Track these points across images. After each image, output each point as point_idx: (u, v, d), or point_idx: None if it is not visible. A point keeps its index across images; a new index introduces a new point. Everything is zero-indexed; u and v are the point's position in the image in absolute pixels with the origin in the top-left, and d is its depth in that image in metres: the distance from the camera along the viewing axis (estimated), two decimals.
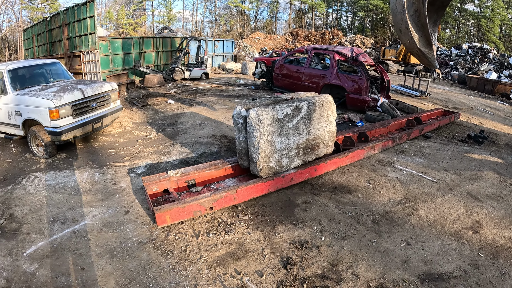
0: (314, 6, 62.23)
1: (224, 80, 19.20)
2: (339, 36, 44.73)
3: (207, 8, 71.41)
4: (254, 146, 5.02)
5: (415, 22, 7.30)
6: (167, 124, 9.68)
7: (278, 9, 68.01)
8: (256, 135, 4.92)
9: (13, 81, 7.81)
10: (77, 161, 7.27)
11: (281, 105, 5.19)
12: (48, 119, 6.99)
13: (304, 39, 46.03)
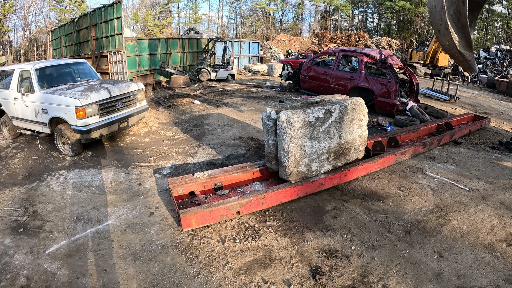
0: (339, 7, 61.92)
1: (250, 82, 19.16)
2: (365, 38, 44.06)
3: (232, 10, 72.35)
4: (284, 149, 4.90)
5: (454, 22, 7.00)
6: (193, 125, 9.64)
7: (303, 11, 68.19)
8: (287, 139, 4.81)
9: (40, 80, 7.97)
10: (103, 160, 7.30)
11: (312, 108, 5.08)
12: (75, 118, 7.06)
13: (330, 41, 45.59)
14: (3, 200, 5.66)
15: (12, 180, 6.57)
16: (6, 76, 9.04)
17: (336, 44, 43.88)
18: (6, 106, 8.85)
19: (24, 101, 8.05)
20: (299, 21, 69.57)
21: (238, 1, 70.28)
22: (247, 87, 16.98)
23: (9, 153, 8.11)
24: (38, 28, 60.04)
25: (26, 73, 8.15)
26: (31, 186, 6.08)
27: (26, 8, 58.09)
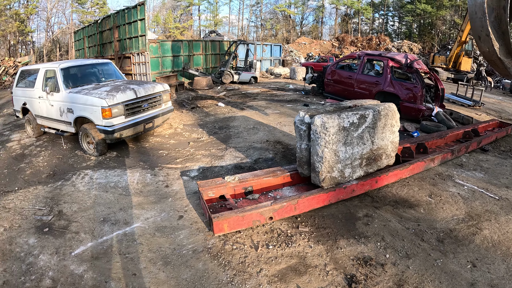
0: (360, 11, 61.48)
1: (273, 85, 19.05)
2: (386, 42, 43.52)
3: (252, 13, 72.57)
4: (317, 154, 4.84)
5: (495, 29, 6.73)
6: (218, 127, 9.53)
7: (324, 14, 67.85)
8: (321, 144, 4.75)
9: (66, 79, 7.99)
10: (128, 160, 7.23)
11: (346, 113, 4.98)
12: (100, 118, 7.03)
13: (351, 44, 45.29)
14: (27, 199, 5.61)
15: (36, 178, 6.55)
16: (31, 75, 9.13)
17: (356, 47, 43.59)
18: (31, 105, 8.92)
19: (49, 100, 8.09)
20: (319, 24, 69.57)
21: (259, 4, 70.79)
22: (270, 90, 16.87)
23: (33, 151, 8.13)
24: (60, 30, 61.43)
25: (51, 72, 8.19)
26: (56, 185, 6.03)
27: (49, 10, 59.56)
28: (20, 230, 4.68)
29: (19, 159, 7.72)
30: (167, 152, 7.65)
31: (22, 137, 9.53)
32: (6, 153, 8.22)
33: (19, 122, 11.34)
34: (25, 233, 4.59)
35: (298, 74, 22.35)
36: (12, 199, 5.64)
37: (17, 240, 4.45)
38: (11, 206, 5.41)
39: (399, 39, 57.13)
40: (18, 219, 4.99)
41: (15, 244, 4.37)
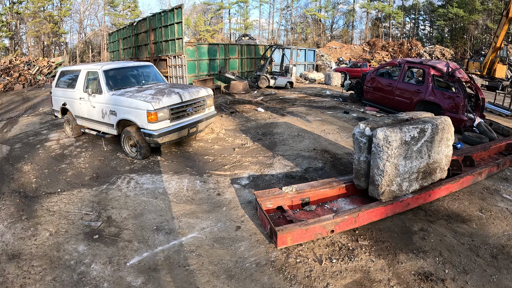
0: (391, 15, 60.71)
1: (309, 90, 18.71)
2: (418, 47, 42.47)
3: (283, 17, 72.85)
4: (378, 168, 4.79)
5: None
6: (262, 133, 9.25)
7: (354, 18, 67.37)
8: (383, 157, 4.70)
9: (108, 81, 7.93)
10: (173, 165, 7.02)
11: (407, 127, 4.94)
12: (146, 121, 6.87)
13: (382, 49, 44.31)
14: (72, 202, 5.44)
15: (78, 180, 6.41)
16: (71, 76, 9.12)
17: (387, 52, 42.76)
18: (71, 105, 8.89)
19: (91, 101, 8.02)
20: (349, 28, 69.00)
21: (289, 8, 70.96)
22: (307, 95, 16.53)
23: (73, 152, 8.04)
24: (93, 31, 63.06)
25: (93, 74, 8.15)
26: (101, 189, 5.86)
27: (82, 12, 61.33)
28: (68, 236, 4.49)
29: (59, 159, 7.63)
30: (213, 158, 7.40)
31: (61, 136, 9.49)
32: (45, 153, 8.15)
33: (56, 122, 11.37)
34: (73, 239, 4.39)
35: (333, 80, 21.96)
36: (56, 202, 5.49)
37: (65, 247, 4.26)
38: (56, 209, 5.26)
39: (430, 43, 56.09)
40: (64, 223, 4.81)
41: (63, 251, 4.18)
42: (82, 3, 61.21)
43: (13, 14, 56.45)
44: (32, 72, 28.70)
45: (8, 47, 56.72)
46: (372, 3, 62.06)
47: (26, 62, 30.75)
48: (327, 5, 67.21)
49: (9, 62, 30.52)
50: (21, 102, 18.52)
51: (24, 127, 11.38)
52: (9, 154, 8.33)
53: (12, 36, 56.85)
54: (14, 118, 13.40)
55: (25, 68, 29.30)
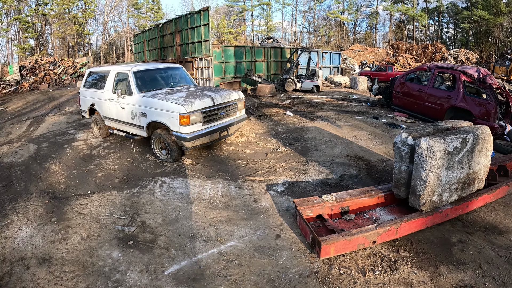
0: (415, 17, 59.80)
1: (335, 94, 18.45)
2: (442, 50, 41.78)
3: (305, 19, 72.50)
4: (420, 178, 4.72)
5: None
6: (293, 138, 9.04)
7: (378, 20, 66.60)
8: (426, 167, 4.63)
9: (138, 83, 7.85)
10: (206, 169, 6.87)
11: (450, 137, 4.90)
12: (178, 124, 6.75)
13: (405, 52, 43.86)
14: (104, 205, 5.32)
15: (108, 182, 6.31)
16: (100, 77, 9.11)
17: (411, 55, 42.18)
18: (99, 106, 8.86)
19: (120, 102, 7.95)
20: (373, 31, 68.30)
21: (312, 10, 70.68)
22: (334, 99, 16.29)
23: (101, 153, 7.97)
24: (116, 33, 64.12)
25: (122, 75, 8.10)
26: (133, 192, 5.73)
27: (106, 14, 62.36)
28: (101, 241, 4.35)
29: (87, 160, 7.56)
30: (245, 162, 7.22)
31: (88, 136, 9.46)
32: (73, 153, 8.10)
33: (83, 122, 11.38)
34: (106, 245, 4.25)
35: (359, 84, 21.59)
36: (87, 204, 5.38)
37: (98, 252, 4.11)
38: (86, 212, 5.14)
39: (454, 47, 55.20)
40: (96, 227, 4.68)
41: (97, 257, 4.04)
42: (106, 5, 62.67)
43: (38, 16, 57.91)
44: (57, 72, 29.20)
45: (33, 48, 58.14)
46: (395, 6, 61.51)
47: (52, 62, 31.33)
48: (350, 8, 66.88)
49: (34, 62, 31.18)
50: (47, 101, 18.76)
51: (51, 126, 11.43)
52: (37, 153, 8.33)
53: (37, 37, 58.27)
54: (41, 117, 13.53)
55: (50, 68, 29.89)
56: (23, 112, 15.88)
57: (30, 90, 25.24)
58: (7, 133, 11.23)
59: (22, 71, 29.52)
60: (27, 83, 26.62)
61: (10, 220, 5.06)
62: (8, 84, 27.13)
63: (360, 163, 7.20)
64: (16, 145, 9.26)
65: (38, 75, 28.17)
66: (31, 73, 28.82)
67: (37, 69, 29.35)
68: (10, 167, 7.55)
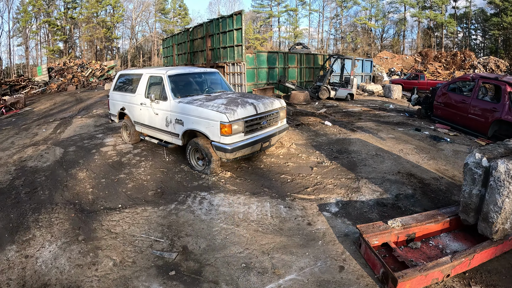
0: (444, 24, 58.25)
1: (370, 103, 17.69)
2: (471, 58, 40.07)
3: (332, 26, 71.70)
4: (495, 204, 4.34)
5: None
6: (336, 150, 8.36)
7: (405, 27, 65.19)
8: (503, 193, 4.25)
9: (174, 88, 7.30)
10: (248, 184, 6.23)
11: None
12: (218, 134, 6.16)
13: (434, 60, 42.39)
14: (137, 223, 4.71)
15: (141, 195, 5.73)
16: (131, 80, 8.63)
17: (440, 63, 40.97)
18: (130, 111, 8.34)
19: (153, 108, 7.42)
20: (401, 38, 66.98)
21: (338, 17, 69.89)
22: (371, 109, 15.57)
23: (132, 160, 7.42)
24: (143, 37, 64.79)
25: (156, 79, 7.60)
26: (169, 209, 5.12)
27: (134, 19, 63.04)
28: (136, 269, 3.73)
29: (117, 168, 7.01)
30: (291, 177, 6.56)
31: (117, 142, 8.96)
32: (101, 159, 7.58)
33: (111, 126, 10.93)
34: (143, 274, 3.62)
35: (393, 93, 20.72)
36: (118, 221, 4.79)
37: (134, 284, 3.51)
38: (118, 230, 4.54)
39: (483, 54, 53.74)
40: (131, 251, 4.06)
41: None
42: (134, 10, 63.61)
43: (67, 19, 58.99)
44: (85, 74, 29.49)
45: (62, 50, 59.15)
46: (423, 12, 60.15)
47: (80, 65, 31.70)
48: (377, 14, 65.85)
49: (63, 64, 31.64)
50: (74, 103, 18.59)
51: (78, 129, 11.00)
52: (63, 158, 7.85)
53: (66, 40, 59.37)
54: (68, 119, 13.20)
55: (78, 70, 30.23)
56: (50, 113, 15.70)
57: (58, 92, 25.40)
58: (33, 134, 10.86)
59: (51, 73, 29.83)
60: (55, 84, 26.88)
61: (32, 235, 4.52)
62: (36, 84, 27.50)
63: (414, 181, 6.54)
64: (42, 148, 8.83)
65: (66, 76, 28.46)
66: (59, 75, 29.14)
67: (65, 71, 29.68)
68: (34, 171, 7.07)
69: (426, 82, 25.42)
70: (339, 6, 67.86)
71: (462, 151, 8.15)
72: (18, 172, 7.09)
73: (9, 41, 56.57)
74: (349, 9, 68.14)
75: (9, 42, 56.77)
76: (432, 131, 10.52)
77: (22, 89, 26.45)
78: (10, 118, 15.53)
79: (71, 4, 58.97)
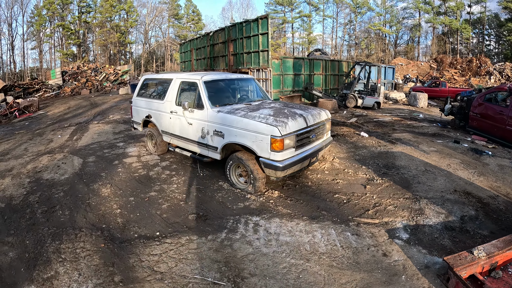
0: (459, 29, 57.02)
1: (398, 112, 16.85)
2: (487, 64, 39.03)
3: (346, 32, 70.90)
4: None
5: None
6: (383, 165, 7.55)
7: (420, 33, 64.17)
8: None
9: (211, 95, 6.50)
10: (302, 206, 5.38)
11: None
12: (268, 149, 5.34)
13: (450, 66, 41.44)
14: (186, 258, 3.91)
15: (180, 218, 4.92)
16: (158, 85, 7.91)
17: (456, 69, 40.08)
18: (157, 119, 7.56)
19: (186, 117, 6.63)
20: (415, 44, 65.87)
21: (352, 23, 69.17)
22: (401, 118, 14.76)
23: (161, 175, 6.62)
24: (157, 43, 64.66)
25: (189, 84, 6.86)
26: (220, 239, 4.29)
27: (147, 24, 63.11)
28: None
29: (145, 184, 6.20)
30: (345, 197, 5.73)
31: (141, 152, 8.18)
32: (126, 172, 6.77)
33: (132, 133, 10.16)
34: None
35: (419, 101, 19.73)
36: (161, 256, 3.97)
37: None
38: (163, 269, 3.72)
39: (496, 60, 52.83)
40: None
41: None
42: (148, 15, 63.51)
43: (81, 23, 59.11)
44: (99, 78, 29.33)
45: (76, 54, 59.17)
46: (438, 18, 59.17)
47: (93, 69, 31.51)
48: (392, 20, 65.01)
49: (77, 68, 31.49)
50: (89, 107, 18.02)
51: (96, 136, 10.24)
52: (82, 170, 7.06)
53: (80, 44, 59.43)
54: (84, 124, 12.53)
55: (92, 74, 30.06)
56: (65, 118, 15.08)
57: (72, 95, 25.16)
58: (47, 140, 10.11)
59: (64, 76, 29.65)
60: (69, 88, 26.75)
61: (54, 272, 3.72)
62: (50, 88, 27.35)
63: (473, 201, 5.92)
64: (58, 156, 8.06)
65: (80, 80, 28.33)
66: (73, 79, 28.98)
67: (79, 74, 29.54)
68: (51, 185, 6.26)
69: (447, 90, 24.60)
70: (353, 12, 67.25)
71: (506, 165, 7.51)
72: (33, 186, 6.28)
73: (23, 44, 56.94)
74: (363, 15, 67.62)
75: (23, 46, 57.17)
76: (471, 143, 9.88)
77: (36, 92, 26.26)
78: (23, 122, 14.93)
79: (85, 9, 59.21)
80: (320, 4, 68.82)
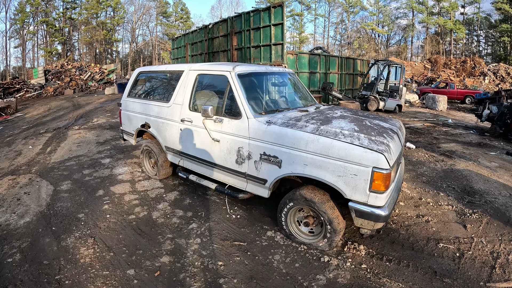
0: (453, 30, 56.36)
1: (422, 116, 15.27)
2: (481, 65, 39.01)
3: (338, 31, 69.64)
4: None
5: None
6: (460, 190, 5.82)
7: (414, 33, 63.58)
8: None
9: (251, 96, 4.19)
10: (410, 272, 3.37)
11: None
12: (366, 190, 3.17)
13: (444, 67, 41.17)
14: None
15: None
16: (160, 81, 5.66)
17: (450, 70, 39.79)
18: (159, 129, 5.25)
19: (209, 129, 4.29)
20: (408, 44, 65.26)
21: (344, 22, 67.95)
22: (432, 124, 13.23)
23: (172, 218, 4.38)
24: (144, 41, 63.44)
25: (213, 79, 4.55)
26: None
27: (134, 22, 62.35)
28: None
29: (149, 237, 3.91)
30: (453, 246, 3.85)
31: (135, 174, 5.95)
32: (118, 214, 4.47)
33: (121, 144, 7.92)
34: None
35: (439, 104, 18.27)
36: None
37: None
38: None
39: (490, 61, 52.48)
40: None
41: None
42: (135, 13, 61.92)
43: (66, 20, 56.92)
44: (84, 77, 28.29)
45: (60, 53, 57.08)
46: (432, 18, 58.48)
47: (78, 68, 30.42)
48: (385, 20, 64.01)
49: (60, 67, 30.55)
50: (71, 108, 16.02)
51: (75, 147, 7.99)
52: (52, 207, 4.74)
53: (64, 42, 57.44)
54: (63, 130, 10.32)
55: (76, 73, 28.91)
56: (43, 121, 12.92)
57: (55, 95, 23.74)
58: (15, 153, 7.80)
59: (47, 75, 28.30)
60: (51, 87, 25.43)
61: None
62: (32, 88, 25.89)
63: None
64: (22, 180, 5.80)
65: (63, 80, 27.16)
66: (57, 78, 27.71)
67: (62, 73, 28.30)
68: (3, 238, 3.88)
69: (456, 91, 23.65)
70: (345, 11, 65.96)
71: None
72: None
73: (5, 42, 54.44)
74: (356, 15, 66.51)
75: (5, 44, 54.67)
76: None
77: (17, 92, 24.55)
78: None
79: (70, 5, 57.04)
80: (312, 3, 67.26)
